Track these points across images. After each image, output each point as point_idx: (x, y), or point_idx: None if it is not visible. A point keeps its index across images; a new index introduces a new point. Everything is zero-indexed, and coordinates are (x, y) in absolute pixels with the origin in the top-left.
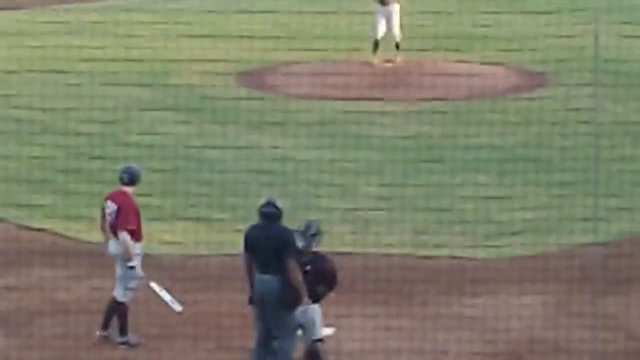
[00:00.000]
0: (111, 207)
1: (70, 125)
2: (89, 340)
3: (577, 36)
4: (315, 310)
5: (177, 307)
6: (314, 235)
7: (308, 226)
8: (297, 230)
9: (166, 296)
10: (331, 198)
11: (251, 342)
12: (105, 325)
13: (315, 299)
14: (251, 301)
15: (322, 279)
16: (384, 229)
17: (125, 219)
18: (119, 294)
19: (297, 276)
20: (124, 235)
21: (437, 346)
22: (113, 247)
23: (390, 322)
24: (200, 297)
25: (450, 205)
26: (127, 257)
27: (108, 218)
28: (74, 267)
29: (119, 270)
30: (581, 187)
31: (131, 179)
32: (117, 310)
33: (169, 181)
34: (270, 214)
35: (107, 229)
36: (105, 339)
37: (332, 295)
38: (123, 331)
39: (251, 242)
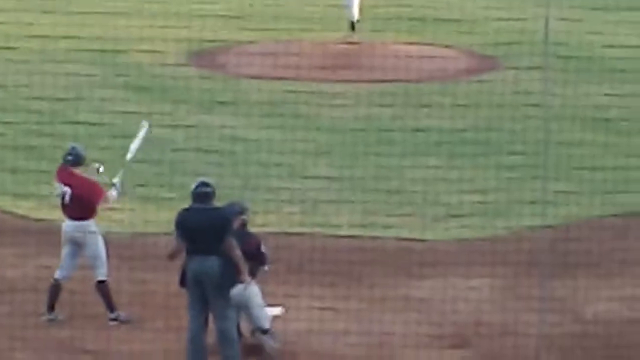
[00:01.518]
0: (61, 189)
1: (19, 103)
2: (37, 319)
3: (528, 19)
4: (253, 290)
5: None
6: (236, 213)
7: (231, 205)
8: None
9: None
10: (280, 178)
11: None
12: (52, 307)
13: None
14: (183, 283)
15: (247, 256)
16: (333, 210)
17: (94, 195)
18: (101, 274)
19: (238, 252)
20: (112, 196)
21: (384, 328)
22: (69, 228)
23: (337, 303)
24: (148, 276)
25: (399, 187)
26: (94, 229)
27: (58, 200)
28: (22, 245)
29: (86, 251)
30: (530, 171)
31: (75, 160)
32: (102, 289)
33: (117, 160)
34: (207, 194)
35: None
36: (52, 321)
37: (265, 269)
38: (112, 307)
39: (190, 226)
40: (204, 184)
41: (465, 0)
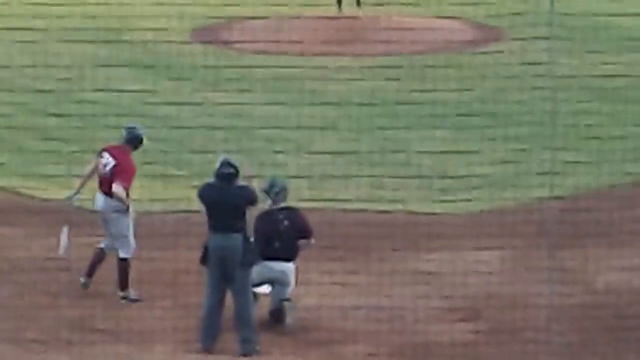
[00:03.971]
0: (108, 160)
1: (25, 83)
2: (46, 298)
3: None
4: (291, 270)
5: (61, 251)
6: (279, 192)
7: (272, 184)
8: (262, 190)
9: (64, 239)
10: (287, 154)
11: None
12: (90, 274)
13: (293, 257)
14: (203, 260)
15: (299, 231)
16: (340, 185)
17: (122, 177)
18: (123, 252)
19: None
20: (119, 190)
21: (394, 302)
22: (100, 202)
23: (347, 277)
24: (156, 254)
25: (406, 160)
26: (123, 207)
27: (102, 170)
28: (30, 225)
29: (112, 227)
30: (537, 141)
31: (129, 139)
32: (121, 267)
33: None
34: (230, 175)
35: (95, 182)
36: (85, 287)
37: (312, 243)
38: (124, 285)
39: (210, 201)
40: (226, 164)
41: None
